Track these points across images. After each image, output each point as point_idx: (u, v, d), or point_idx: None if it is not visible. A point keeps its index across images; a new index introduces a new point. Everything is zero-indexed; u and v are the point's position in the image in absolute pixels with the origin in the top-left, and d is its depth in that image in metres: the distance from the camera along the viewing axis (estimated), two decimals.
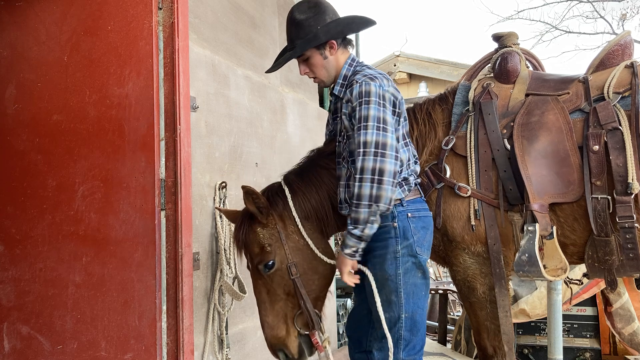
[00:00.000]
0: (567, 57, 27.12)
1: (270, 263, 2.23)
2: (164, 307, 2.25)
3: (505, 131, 2.38)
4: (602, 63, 2.44)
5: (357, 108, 2.06)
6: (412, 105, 2.64)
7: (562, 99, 2.37)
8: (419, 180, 2.30)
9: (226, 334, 2.82)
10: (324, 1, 2.24)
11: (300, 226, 2.24)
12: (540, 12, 27.69)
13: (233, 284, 2.77)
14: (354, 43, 6.06)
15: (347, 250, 2.07)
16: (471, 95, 2.50)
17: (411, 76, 10.30)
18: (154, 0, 2.31)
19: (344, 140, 2.20)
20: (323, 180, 2.30)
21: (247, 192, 2.19)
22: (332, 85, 2.30)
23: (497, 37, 2.62)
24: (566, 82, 2.43)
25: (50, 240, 2.43)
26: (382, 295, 2.13)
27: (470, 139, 2.42)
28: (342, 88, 2.21)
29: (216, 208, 2.63)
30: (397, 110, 2.15)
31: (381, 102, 2.07)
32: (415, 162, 2.29)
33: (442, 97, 2.62)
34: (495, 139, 2.37)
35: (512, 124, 2.37)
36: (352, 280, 2.11)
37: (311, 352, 2.26)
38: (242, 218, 2.32)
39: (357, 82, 2.10)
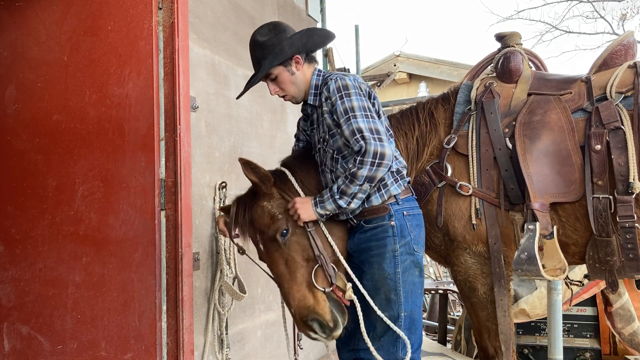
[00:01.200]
0: (567, 57, 27.13)
1: (284, 231, 2.17)
2: (164, 307, 2.25)
3: (507, 130, 2.38)
4: (605, 63, 2.43)
5: (339, 101, 2.10)
6: (414, 104, 2.64)
7: (565, 99, 2.36)
8: (409, 179, 2.30)
9: (226, 334, 2.82)
10: (282, 23, 2.30)
11: (302, 194, 2.24)
12: (540, 12, 27.70)
13: (233, 284, 2.77)
14: (356, 43, 6.05)
15: (320, 211, 2.10)
16: (473, 94, 2.50)
17: (411, 76, 10.31)
18: (154, 0, 2.32)
19: (326, 145, 2.22)
20: (311, 160, 2.34)
21: (245, 163, 2.18)
22: (303, 101, 2.33)
23: (500, 37, 2.62)
24: (569, 82, 2.42)
25: (50, 240, 2.43)
26: (380, 294, 2.13)
27: (472, 137, 2.42)
28: (316, 97, 2.25)
29: (220, 209, 2.61)
30: (373, 101, 2.19)
31: (360, 92, 2.13)
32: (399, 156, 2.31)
33: (445, 96, 2.63)
34: (497, 137, 2.37)
35: (514, 123, 2.37)
36: (300, 223, 2.13)
37: (344, 319, 2.13)
38: (237, 203, 2.29)
39: (331, 79, 2.16)
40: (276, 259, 2.21)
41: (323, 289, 2.14)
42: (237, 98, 2.43)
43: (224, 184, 2.84)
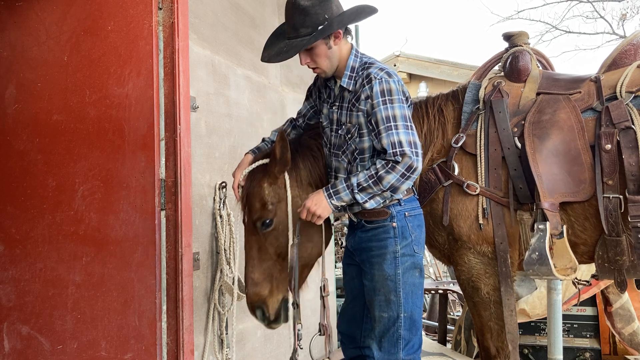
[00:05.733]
0: (567, 57, 27.20)
1: (267, 221, 2.20)
2: (164, 307, 2.25)
3: (516, 129, 2.37)
4: (614, 63, 2.43)
5: (381, 106, 2.03)
6: (424, 98, 2.62)
7: (574, 98, 2.36)
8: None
9: (226, 334, 2.82)
10: None
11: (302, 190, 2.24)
12: (540, 12, 27.72)
13: (233, 284, 2.77)
14: (356, 43, 6.04)
15: (336, 202, 2.05)
16: (482, 93, 2.49)
17: (411, 76, 10.29)
18: (154, 0, 2.32)
19: (349, 137, 2.16)
20: (319, 152, 2.33)
21: (283, 139, 2.16)
22: (332, 76, 2.23)
23: (508, 36, 2.62)
24: (578, 82, 2.42)
25: (50, 240, 2.43)
26: (380, 294, 2.13)
27: (480, 137, 2.41)
28: (351, 80, 2.15)
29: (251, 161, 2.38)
30: (410, 104, 2.16)
31: (402, 99, 2.07)
32: None
33: (455, 94, 2.61)
34: (506, 137, 2.37)
35: (523, 122, 2.36)
36: (319, 222, 2.11)
37: (286, 318, 2.25)
38: (256, 168, 2.27)
39: (375, 77, 2.06)
40: (252, 241, 2.26)
41: (283, 295, 2.23)
42: (274, 62, 2.24)
43: (224, 184, 2.84)
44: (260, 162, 2.27)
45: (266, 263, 2.22)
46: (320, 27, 2.05)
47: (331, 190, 2.06)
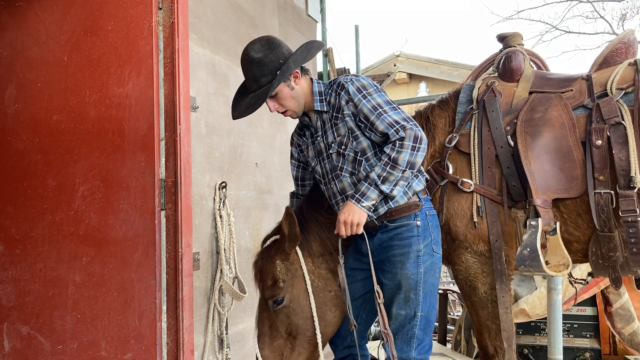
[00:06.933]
0: (567, 57, 27.21)
1: (279, 299, 2.26)
2: (164, 307, 2.25)
3: (508, 128, 2.40)
4: (606, 61, 2.46)
5: (363, 101, 2.12)
6: (413, 114, 2.65)
7: (566, 96, 2.38)
8: (426, 176, 2.32)
9: (226, 334, 2.82)
10: (274, 37, 2.25)
11: (315, 264, 2.28)
12: (540, 12, 27.73)
13: (233, 284, 2.77)
14: (356, 43, 6.04)
15: (366, 203, 2.07)
16: (475, 93, 2.52)
17: (411, 76, 10.30)
18: (154, 0, 2.31)
19: (344, 149, 2.19)
20: (325, 218, 2.35)
21: (289, 214, 2.22)
22: (301, 115, 2.30)
23: (502, 38, 2.65)
24: (570, 80, 2.45)
25: (50, 240, 2.43)
26: (400, 293, 2.14)
27: (474, 136, 2.43)
28: (323, 102, 2.25)
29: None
30: None
31: (377, 89, 2.16)
32: None
33: (442, 100, 2.66)
34: (499, 135, 2.39)
35: (515, 120, 2.39)
36: (360, 231, 2.10)
37: None
38: (269, 244, 2.34)
39: (346, 82, 2.16)
40: (263, 318, 2.30)
41: None
42: (238, 117, 2.29)
43: (224, 184, 2.84)
44: (272, 238, 2.34)
45: (277, 341, 2.26)
46: (278, 72, 2.13)
47: (357, 195, 2.09)
